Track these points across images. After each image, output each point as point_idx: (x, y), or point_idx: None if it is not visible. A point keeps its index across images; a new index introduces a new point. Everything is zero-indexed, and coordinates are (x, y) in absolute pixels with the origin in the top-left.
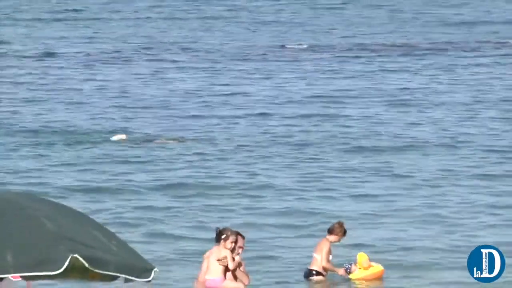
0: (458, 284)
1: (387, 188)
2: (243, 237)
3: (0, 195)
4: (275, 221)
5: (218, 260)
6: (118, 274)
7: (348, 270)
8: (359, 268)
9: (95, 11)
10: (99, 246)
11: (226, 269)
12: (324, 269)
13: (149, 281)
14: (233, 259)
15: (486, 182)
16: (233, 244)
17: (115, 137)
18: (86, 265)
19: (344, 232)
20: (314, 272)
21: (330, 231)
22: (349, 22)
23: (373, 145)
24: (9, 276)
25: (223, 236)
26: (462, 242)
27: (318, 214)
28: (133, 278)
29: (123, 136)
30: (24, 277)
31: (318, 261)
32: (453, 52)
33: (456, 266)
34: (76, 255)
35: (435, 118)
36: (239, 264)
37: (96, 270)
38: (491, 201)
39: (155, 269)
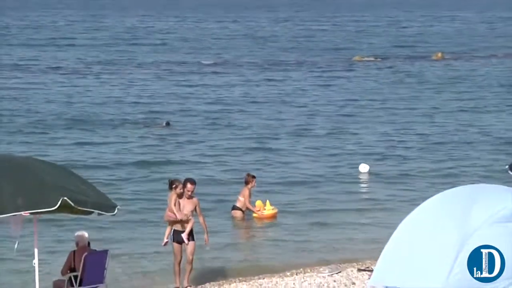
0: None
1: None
2: (193, 183)
3: (13, 158)
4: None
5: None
6: (93, 210)
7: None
8: (258, 211)
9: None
10: (80, 191)
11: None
12: (247, 208)
13: (114, 214)
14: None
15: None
16: (182, 190)
17: None
18: (72, 204)
19: (253, 177)
20: (237, 208)
21: (246, 182)
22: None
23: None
24: (21, 213)
25: (173, 185)
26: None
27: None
28: (103, 212)
29: None
30: (31, 213)
31: (241, 201)
32: (303, 67)
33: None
34: (65, 198)
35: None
36: (196, 203)
37: (79, 208)
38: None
39: (118, 206)
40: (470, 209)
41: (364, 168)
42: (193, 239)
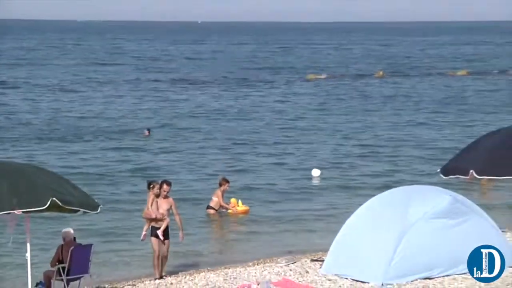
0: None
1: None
2: (168, 184)
3: (9, 163)
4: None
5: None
6: (79, 209)
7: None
8: (232, 207)
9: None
10: (67, 193)
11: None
12: (222, 206)
13: (98, 212)
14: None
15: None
16: (159, 190)
17: None
18: (60, 204)
19: (227, 181)
20: (210, 207)
21: (220, 185)
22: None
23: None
24: (15, 211)
25: (151, 186)
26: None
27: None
28: (88, 211)
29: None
30: (23, 212)
31: (214, 201)
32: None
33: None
34: (54, 198)
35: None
36: (171, 203)
37: (66, 207)
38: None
39: (101, 205)
40: (407, 207)
41: (316, 172)
42: (168, 238)
